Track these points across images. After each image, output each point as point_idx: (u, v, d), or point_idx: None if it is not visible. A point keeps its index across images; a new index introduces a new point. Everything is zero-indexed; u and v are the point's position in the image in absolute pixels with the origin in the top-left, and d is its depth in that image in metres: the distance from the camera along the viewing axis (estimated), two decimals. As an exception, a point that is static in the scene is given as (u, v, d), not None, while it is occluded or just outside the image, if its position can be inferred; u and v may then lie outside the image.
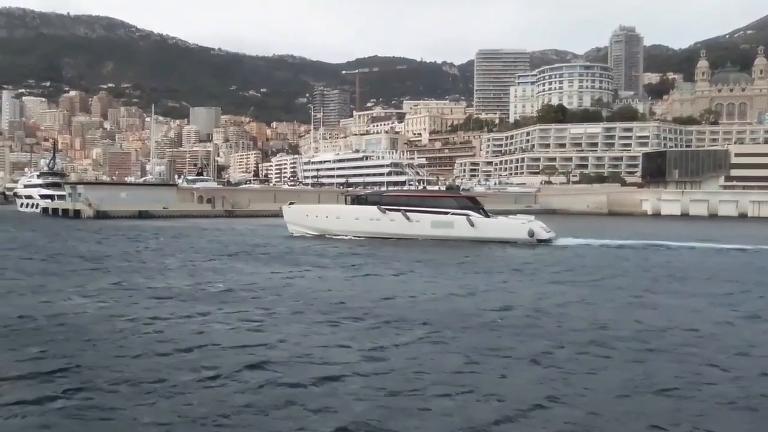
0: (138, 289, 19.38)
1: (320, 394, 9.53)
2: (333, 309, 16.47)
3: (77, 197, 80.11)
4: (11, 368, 10.52)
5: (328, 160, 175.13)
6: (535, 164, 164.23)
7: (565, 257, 31.82)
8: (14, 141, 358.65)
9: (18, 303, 16.78)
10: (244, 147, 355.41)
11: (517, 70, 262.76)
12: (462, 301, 18.18)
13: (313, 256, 31.02)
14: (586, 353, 12.24)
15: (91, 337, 12.86)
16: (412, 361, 11.40)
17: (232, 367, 10.76)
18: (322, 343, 12.64)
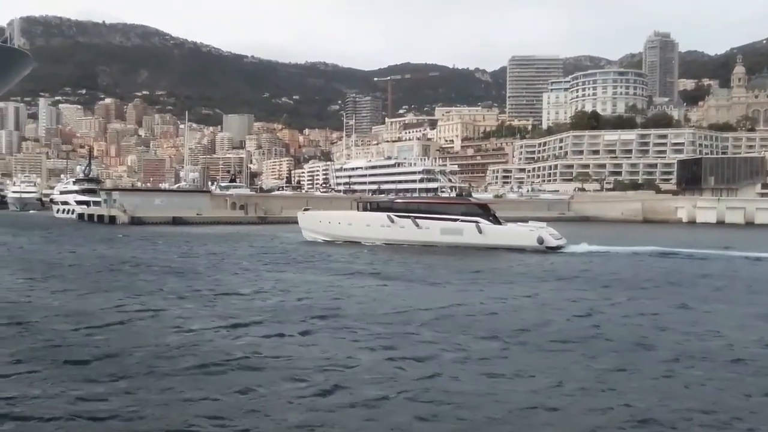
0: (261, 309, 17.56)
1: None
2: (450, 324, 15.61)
3: (112, 203, 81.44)
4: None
5: (360, 166, 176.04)
6: (568, 171, 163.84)
7: (562, 264, 31.69)
8: (51, 148, 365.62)
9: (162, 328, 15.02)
10: (276, 154, 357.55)
11: (550, 76, 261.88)
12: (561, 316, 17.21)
13: (362, 265, 30.96)
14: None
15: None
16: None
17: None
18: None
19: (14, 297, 19.39)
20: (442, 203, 43.51)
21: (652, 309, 18.41)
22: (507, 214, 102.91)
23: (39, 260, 29.93)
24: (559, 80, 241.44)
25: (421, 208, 42.35)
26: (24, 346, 12.58)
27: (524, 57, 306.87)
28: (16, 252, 36.12)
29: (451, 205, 42.65)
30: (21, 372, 10.75)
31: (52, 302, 18.46)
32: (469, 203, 43.10)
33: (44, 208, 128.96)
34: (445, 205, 42.80)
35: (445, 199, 45.47)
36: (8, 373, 10.64)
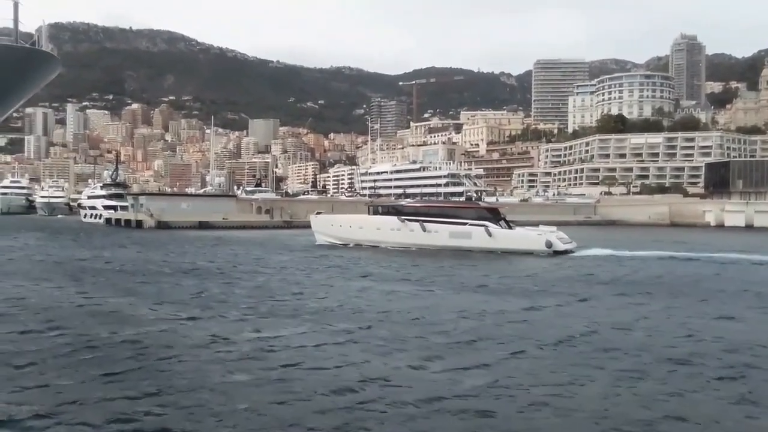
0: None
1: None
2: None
3: (139, 208, 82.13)
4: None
5: (385, 171, 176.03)
6: (594, 175, 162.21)
7: (564, 269, 31.44)
8: (78, 153, 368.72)
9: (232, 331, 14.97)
10: (301, 158, 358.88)
11: (576, 79, 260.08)
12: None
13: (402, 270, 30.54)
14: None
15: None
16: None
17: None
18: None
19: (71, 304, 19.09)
20: (451, 207, 44.02)
21: (642, 312, 18.74)
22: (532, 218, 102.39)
23: (90, 267, 29.42)
24: (584, 83, 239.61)
25: (431, 212, 42.73)
26: (80, 356, 12.39)
27: (549, 60, 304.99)
28: (63, 257, 35.97)
29: (460, 209, 43.03)
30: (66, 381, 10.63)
31: (115, 309, 18.12)
32: (478, 207, 43.31)
33: (72, 212, 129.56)
34: (454, 209, 43.21)
35: (454, 203, 46.14)
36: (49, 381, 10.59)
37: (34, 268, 28.11)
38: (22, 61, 12.65)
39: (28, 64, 12.86)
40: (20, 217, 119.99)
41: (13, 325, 15.14)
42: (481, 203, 46.44)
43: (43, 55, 13.02)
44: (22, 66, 12.74)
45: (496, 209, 43.75)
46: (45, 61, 13.25)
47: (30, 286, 22.21)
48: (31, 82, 13.71)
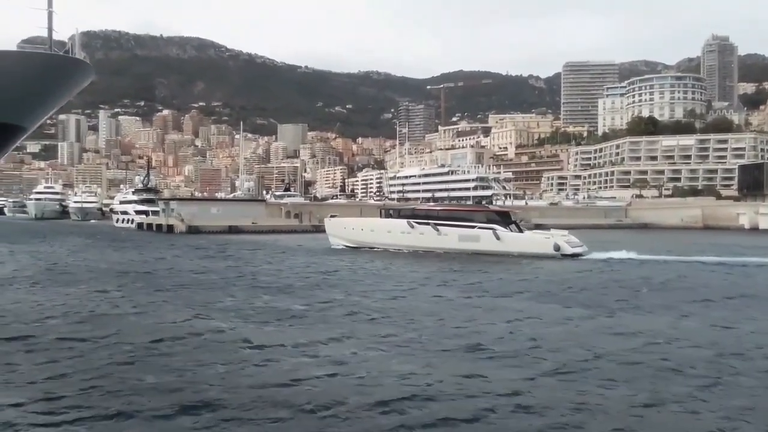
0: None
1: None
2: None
3: (170, 213, 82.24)
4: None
5: (413, 174, 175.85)
6: (625, 177, 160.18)
7: (565, 272, 30.53)
8: (111, 159, 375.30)
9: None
10: (330, 162, 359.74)
11: (606, 82, 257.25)
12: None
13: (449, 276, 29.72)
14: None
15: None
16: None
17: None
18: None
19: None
20: (460, 210, 44.26)
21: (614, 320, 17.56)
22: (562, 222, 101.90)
23: (167, 280, 26.24)
24: (614, 86, 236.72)
25: (441, 215, 42.86)
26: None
27: (579, 62, 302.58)
28: (130, 265, 34.60)
29: (470, 212, 43.34)
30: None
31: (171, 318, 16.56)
32: (487, 210, 43.65)
33: (104, 217, 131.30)
34: (463, 212, 43.59)
35: (464, 207, 46.45)
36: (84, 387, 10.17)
37: (105, 278, 26.02)
38: (56, 69, 12.80)
39: (61, 72, 13.02)
40: (54, 222, 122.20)
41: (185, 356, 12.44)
42: (491, 206, 46.80)
43: (77, 63, 13.15)
44: (56, 74, 12.90)
45: (506, 212, 43.81)
46: (78, 69, 13.39)
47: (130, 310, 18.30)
48: (64, 90, 13.88)
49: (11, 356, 11.99)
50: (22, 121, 13.04)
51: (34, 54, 12.62)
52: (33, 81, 12.36)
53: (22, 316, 16.55)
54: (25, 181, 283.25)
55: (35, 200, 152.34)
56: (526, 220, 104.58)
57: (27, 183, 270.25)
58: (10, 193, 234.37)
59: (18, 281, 23.66)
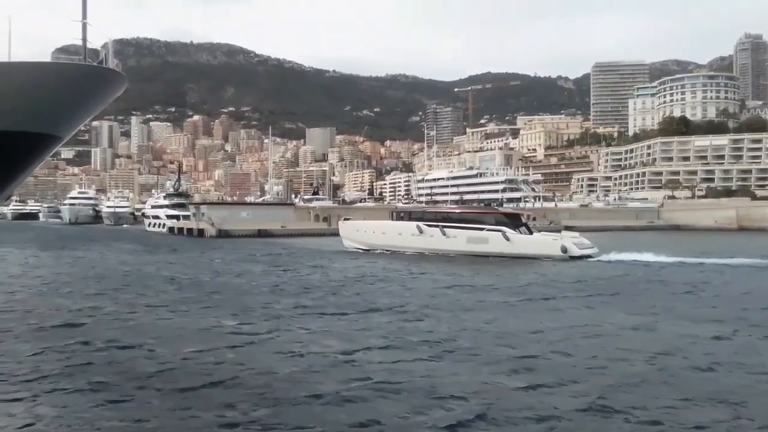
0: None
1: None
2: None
3: (201, 217, 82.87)
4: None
5: (441, 177, 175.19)
6: (657, 178, 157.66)
7: (566, 274, 30.30)
8: (143, 164, 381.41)
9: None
10: (358, 166, 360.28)
11: (636, 82, 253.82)
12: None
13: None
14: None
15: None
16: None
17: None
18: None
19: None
20: (470, 213, 44.49)
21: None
22: (592, 224, 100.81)
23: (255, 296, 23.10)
24: (645, 86, 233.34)
25: (450, 217, 43.28)
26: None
27: (608, 63, 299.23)
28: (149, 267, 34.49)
29: (479, 214, 43.50)
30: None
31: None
32: (496, 213, 43.80)
33: (136, 222, 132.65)
34: (473, 214, 43.78)
35: (474, 209, 46.64)
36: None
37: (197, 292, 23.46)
38: (91, 79, 13.12)
39: (96, 82, 13.32)
40: (89, 227, 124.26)
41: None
42: (501, 209, 47.22)
43: (111, 73, 13.45)
44: (91, 84, 13.20)
45: (516, 215, 44.25)
46: (112, 79, 13.70)
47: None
48: (99, 100, 14.17)
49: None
50: (58, 130, 13.33)
51: (70, 65, 12.91)
52: (69, 92, 12.63)
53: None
54: (60, 187, 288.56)
55: (69, 205, 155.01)
56: (556, 221, 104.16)
57: (61, 188, 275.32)
58: (44, 199, 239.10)
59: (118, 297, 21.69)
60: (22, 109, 12.03)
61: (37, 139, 12.93)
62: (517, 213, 46.03)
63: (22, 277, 29.08)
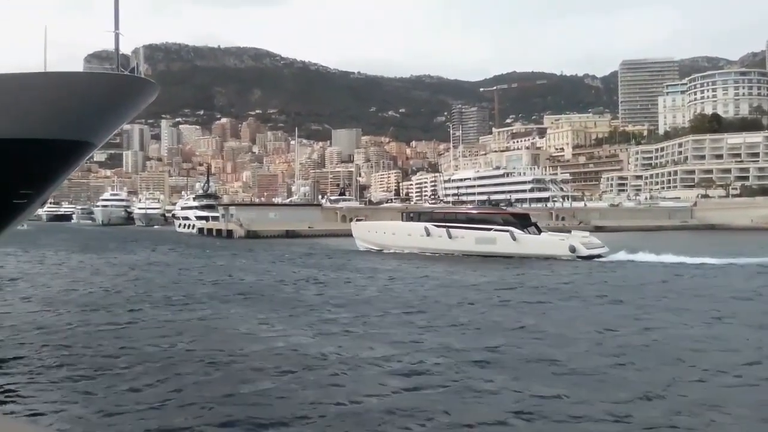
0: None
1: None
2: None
3: (229, 218, 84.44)
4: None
5: (468, 177, 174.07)
6: (689, 177, 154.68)
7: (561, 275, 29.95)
8: (172, 166, 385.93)
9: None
10: (384, 166, 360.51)
11: (665, 79, 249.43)
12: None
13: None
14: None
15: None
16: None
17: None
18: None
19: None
20: (478, 213, 44.85)
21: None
22: (624, 224, 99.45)
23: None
24: (675, 83, 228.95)
25: (459, 218, 43.88)
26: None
27: (637, 60, 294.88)
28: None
29: (487, 214, 43.73)
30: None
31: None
32: (504, 213, 44.04)
33: (167, 223, 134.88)
34: (481, 214, 44.08)
35: (482, 209, 46.97)
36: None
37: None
38: (125, 87, 13.32)
39: (129, 90, 13.54)
40: (121, 228, 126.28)
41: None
42: (509, 209, 47.64)
43: (144, 82, 13.66)
44: (124, 93, 13.44)
45: (525, 215, 44.50)
46: (145, 88, 13.92)
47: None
48: (131, 108, 14.42)
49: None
50: (92, 138, 13.65)
51: (105, 75, 13.16)
52: (103, 100, 12.91)
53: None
54: (93, 189, 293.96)
55: (102, 207, 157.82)
56: (586, 221, 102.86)
57: (94, 190, 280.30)
58: (78, 201, 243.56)
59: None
60: (59, 118, 12.29)
61: (73, 147, 13.20)
62: (526, 213, 46.41)
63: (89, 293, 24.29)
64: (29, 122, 12.09)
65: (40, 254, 46.50)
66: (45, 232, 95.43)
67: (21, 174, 12.71)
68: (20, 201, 13.43)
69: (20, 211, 14.17)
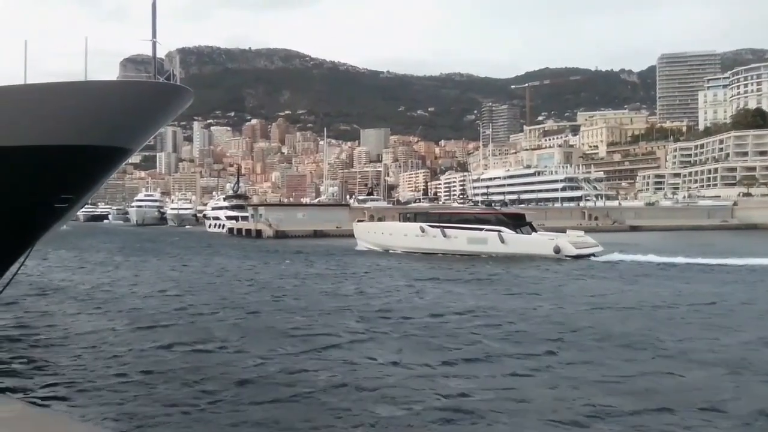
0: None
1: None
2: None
3: (259, 218, 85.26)
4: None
5: (497, 176, 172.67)
6: (730, 175, 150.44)
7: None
8: (204, 167, 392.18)
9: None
10: (412, 166, 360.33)
11: (706, 73, 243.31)
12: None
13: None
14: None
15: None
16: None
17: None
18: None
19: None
20: (471, 213, 46.16)
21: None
22: (659, 223, 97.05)
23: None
24: (716, 77, 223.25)
25: (453, 218, 45.00)
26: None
27: (675, 54, 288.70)
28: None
29: (480, 215, 44.90)
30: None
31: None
32: (496, 213, 44.83)
33: (198, 223, 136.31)
34: (474, 215, 45.43)
35: (475, 210, 48.27)
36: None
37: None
38: (162, 95, 13.47)
39: (167, 97, 13.78)
40: (156, 228, 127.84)
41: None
42: (503, 209, 48.72)
43: (181, 89, 13.77)
44: (162, 100, 13.68)
45: (519, 215, 45.26)
46: (181, 94, 14.03)
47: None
48: (168, 114, 14.62)
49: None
50: (130, 144, 13.87)
51: (142, 83, 13.39)
52: (141, 107, 13.06)
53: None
54: (127, 190, 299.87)
55: (136, 207, 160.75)
56: (620, 221, 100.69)
57: (129, 191, 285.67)
58: (113, 201, 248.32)
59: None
60: (98, 126, 12.49)
61: (112, 153, 13.48)
62: (520, 213, 46.79)
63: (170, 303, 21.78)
64: (70, 130, 12.34)
65: (109, 259, 43.34)
66: (87, 234, 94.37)
67: (62, 180, 13.06)
68: (61, 205, 13.81)
69: (61, 215, 14.46)
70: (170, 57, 16.43)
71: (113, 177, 18.09)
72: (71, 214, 15.88)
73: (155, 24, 13.09)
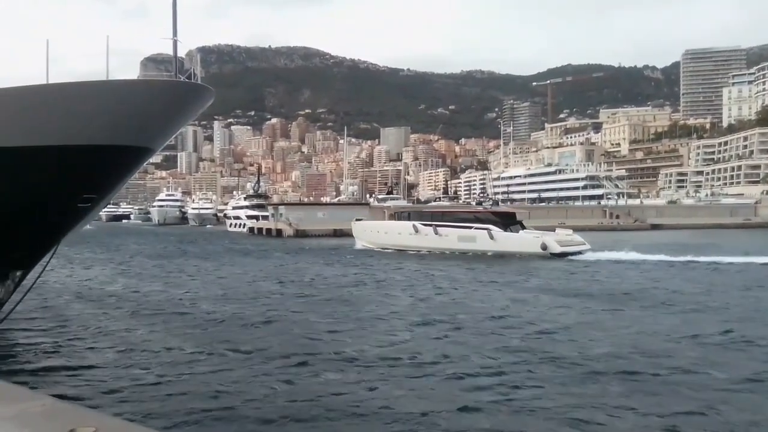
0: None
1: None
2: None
3: (279, 217, 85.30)
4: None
5: (518, 175, 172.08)
6: (754, 172, 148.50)
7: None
8: (224, 167, 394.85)
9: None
10: (432, 165, 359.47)
11: (731, 69, 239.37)
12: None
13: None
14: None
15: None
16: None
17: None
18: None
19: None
20: (462, 212, 47.10)
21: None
22: (681, 221, 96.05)
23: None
24: (741, 73, 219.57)
25: (444, 217, 45.87)
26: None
27: (700, 50, 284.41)
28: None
29: (470, 213, 45.83)
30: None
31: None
32: (486, 211, 45.25)
33: (218, 222, 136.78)
34: (464, 213, 46.68)
35: (465, 208, 49.38)
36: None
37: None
38: (184, 94, 13.53)
39: (189, 97, 13.82)
40: (177, 228, 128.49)
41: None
42: (494, 207, 48.86)
43: (202, 88, 13.87)
44: (184, 99, 13.70)
45: (509, 213, 45.91)
46: (203, 94, 14.12)
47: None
48: (189, 113, 14.67)
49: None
50: (152, 144, 13.76)
51: (165, 82, 13.52)
52: (162, 107, 12.94)
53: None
54: (149, 190, 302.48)
55: (158, 207, 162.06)
56: (642, 219, 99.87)
57: (150, 191, 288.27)
58: (135, 201, 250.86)
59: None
60: (120, 125, 12.46)
61: (134, 153, 13.43)
62: (511, 212, 47.43)
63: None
64: (92, 129, 12.30)
65: (173, 265, 38.07)
66: (111, 234, 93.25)
67: (85, 179, 13.04)
68: (84, 205, 13.74)
69: (85, 215, 14.44)
70: (191, 56, 16.56)
71: (135, 177, 18.19)
72: (94, 213, 15.97)
73: (176, 22, 13.09)
